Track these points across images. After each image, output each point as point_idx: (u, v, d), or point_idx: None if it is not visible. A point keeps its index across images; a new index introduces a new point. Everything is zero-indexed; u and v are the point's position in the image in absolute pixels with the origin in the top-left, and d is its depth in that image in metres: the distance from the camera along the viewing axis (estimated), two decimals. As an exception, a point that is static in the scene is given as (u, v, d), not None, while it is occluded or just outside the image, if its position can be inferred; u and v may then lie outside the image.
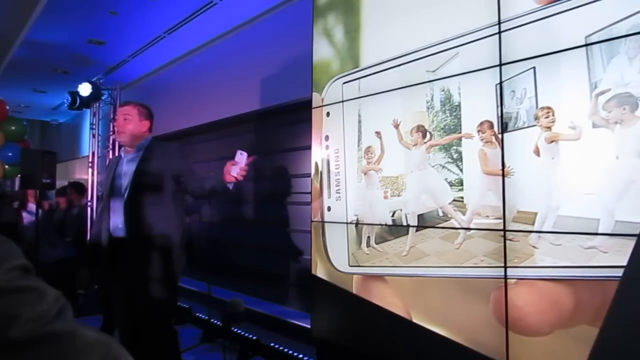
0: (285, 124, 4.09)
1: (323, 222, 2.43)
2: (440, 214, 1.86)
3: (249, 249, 4.36)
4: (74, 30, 4.77)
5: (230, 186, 2.26)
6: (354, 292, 2.21)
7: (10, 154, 5.00)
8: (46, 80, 6.62)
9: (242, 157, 2.26)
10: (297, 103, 3.65)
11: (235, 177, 2.23)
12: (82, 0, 4.11)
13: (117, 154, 5.81)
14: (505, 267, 1.61)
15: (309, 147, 2.54)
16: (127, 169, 2.40)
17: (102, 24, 4.59)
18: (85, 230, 5.19)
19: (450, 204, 1.82)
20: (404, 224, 2.00)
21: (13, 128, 5.37)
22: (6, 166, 5.25)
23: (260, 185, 4.32)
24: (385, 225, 2.09)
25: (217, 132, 4.95)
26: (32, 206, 4.85)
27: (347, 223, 2.29)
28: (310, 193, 2.54)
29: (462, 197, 1.78)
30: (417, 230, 1.95)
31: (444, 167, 1.85)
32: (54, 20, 4.52)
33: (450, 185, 1.82)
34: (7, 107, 5.39)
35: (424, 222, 1.92)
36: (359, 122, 2.24)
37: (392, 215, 2.06)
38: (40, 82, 6.81)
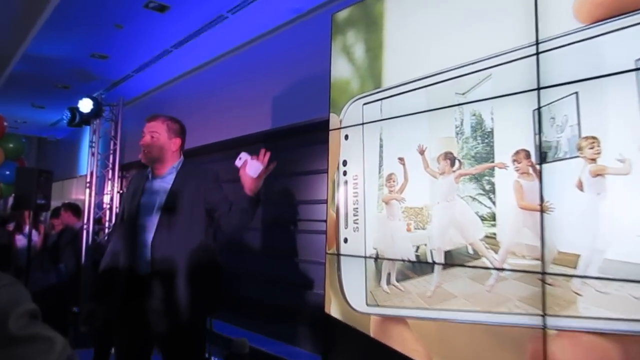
0: (298, 145, 4.07)
1: (339, 254, 2.38)
2: (470, 252, 1.80)
3: (255, 280, 4.30)
4: (76, 44, 4.86)
5: (257, 195, 2.10)
6: (372, 335, 2.15)
7: (7, 172, 5.04)
8: (45, 95, 6.74)
9: (247, 160, 2.10)
10: (312, 124, 3.65)
11: (255, 187, 2.08)
12: (86, 14, 4.18)
13: (116, 174, 5.85)
14: (544, 316, 1.54)
15: (324, 171, 2.52)
16: (159, 188, 2.23)
17: (106, 38, 4.67)
18: (80, 255, 5.17)
19: (481, 240, 1.76)
20: (429, 260, 1.95)
21: (11, 145, 5.42)
22: (1, 185, 5.29)
23: (268, 210, 4.28)
24: (408, 261, 2.04)
25: (225, 153, 4.95)
26: (26, 229, 4.86)
27: (365, 257, 2.24)
28: (325, 221, 2.50)
29: (494, 234, 1.72)
30: (443, 269, 1.89)
31: (474, 199, 1.80)
32: (55, 33, 4.61)
33: (482, 220, 1.76)
34: (6, 124, 5.46)
35: (452, 260, 1.86)
36: (381, 146, 2.21)
37: (416, 251, 2.01)
38: (39, 97, 6.93)
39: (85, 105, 5.52)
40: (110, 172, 5.97)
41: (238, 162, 2.09)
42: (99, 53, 5.09)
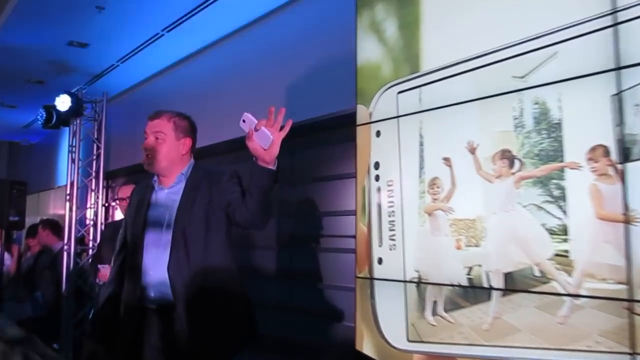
0: (319, 144, 4.07)
1: (372, 278, 2.38)
2: (536, 274, 1.78)
3: (269, 310, 4.30)
4: (52, 31, 4.96)
5: (274, 167, 2.07)
6: (415, 378, 2.13)
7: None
8: (16, 92, 6.90)
9: (252, 122, 2.07)
10: (335, 118, 3.64)
11: (270, 157, 2.04)
12: (62, -5, 4.27)
13: (101, 184, 5.95)
14: (633, 354, 1.50)
15: (352, 176, 2.52)
16: (168, 201, 2.28)
17: (86, 22, 4.76)
18: (60, 282, 5.27)
19: (550, 260, 1.74)
20: (485, 285, 1.93)
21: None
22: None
23: (285, 224, 4.29)
24: (459, 286, 2.02)
25: (230, 155, 4.98)
26: None
27: (405, 281, 2.22)
28: (354, 237, 2.50)
29: (566, 251, 1.70)
30: (503, 295, 1.87)
31: (540, 207, 1.78)
32: (27, 20, 4.71)
33: (550, 234, 1.74)
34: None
35: (513, 284, 1.84)
36: (421, 144, 2.20)
37: (468, 273, 2.00)
38: (9, 94, 7.10)
39: (63, 102, 5.62)
40: (94, 181, 6.06)
41: (243, 125, 2.09)
42: (77, 40, 5.19)
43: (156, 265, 2.19)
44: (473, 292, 1.97)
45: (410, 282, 2.20)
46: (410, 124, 2.25)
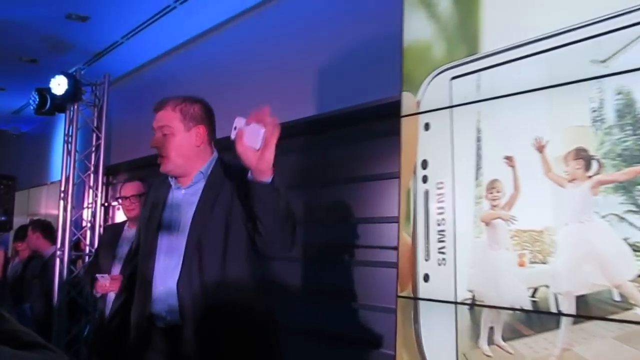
0: (355, 138, 4.08)
1: (416, 298, 2.36)
2: (616, 298, 1.75)
3: (293, 333, 4.31)
4: (47, 1, 5.04)
5: (270, 178, 1.98)
6: (466, 418, 2.12)
7: (-44, 180, 5.30)
8: (6, 72, 7.04)
9: (242, 124, 1.99)
10: (375, 107, 3.64)
11: (263, 163, 1.94)
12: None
13: (100, 180, 6.04)
14: None
15: (395, 176, 2.52)
16: (184, 202, 2.30)
17: (87, -8, 4.85)
18: (51, 292, 5.36)
19: (633, 281, 1.71)
20: (553, 310, 1.90)
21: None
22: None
23: (313, 232, 4.29)
24: (521, 310, 1.99)
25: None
26: (-19, 256, 5.08)
27: (455, 303, 2.20)
28: (396, 249, 2.49)
29: (654, 271, 1.67)
30: (574, 323, 1.84)
31: (622, 218, 1.75)
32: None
33: (634, 250, 1.71)
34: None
35: (588, 310, 1.81)
36: (478, 140, 2.18)
37: (533, 295, 1.97)
38: (-2, 74, 7.24)
39: (59, 84, 5.72)
40: (92, 177, 6.15)
41: (233, 134, 1.98)
42: (76, 13, 5.27)
43: (166, 277, 2.20)
44: (538, 317, 1.94)
45: (463, 304, 2.18)
46: (465, 115, 2.23)
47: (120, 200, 3.90)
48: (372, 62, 3.72)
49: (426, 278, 2.33)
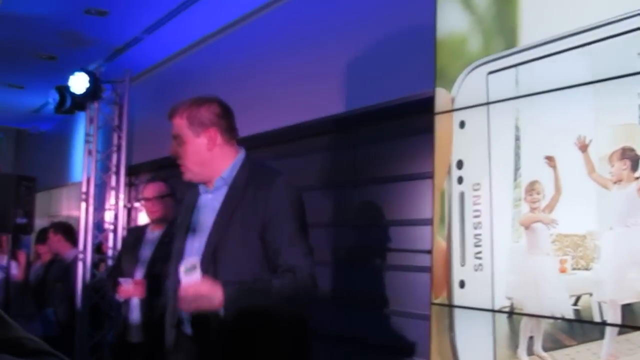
0: (386, 137, 4.07)
1: (451, 305, 2.36)
2: (666, 307, 1.72)
3: (322, 340, 4.31)
4: (66, -3, 5.10)
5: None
6: None
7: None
8: (25, 70, 7.14)
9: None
10: (407, 104, 3.62)
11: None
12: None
13: (122, 180, 6.09)
14: None
15: (428, 177, 2.51)
16: (208, 208, 2.35)
17: (106, -15, 4.89)
18: (74, 297, 5.42)
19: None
20: (597, 319, 1.89)
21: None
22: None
23: (342, 235, 4.29)
24: (562, 319, 1.98)
25: (276, 149, 5.02)
26: (3, 258, 5.17)
27: (493, 311, 2.19)
28: (430, 253, 2.49)
29: None
30: (620, 333, 1.82)
31: (672, 223, 1.72)
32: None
33: (685, 257, 1.68)
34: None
35: (634, 319, 1.79)
36: (517, 139, 2.17)
37: (575, 303, 1.96)
38: (16, 72, 7.36)
39: (78, 82, 5.76)
40: (114, 178, 6.20)
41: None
42: (95, 8, 5.31)
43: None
44: (581, 327, 1.93)
45: (500, 312, 2.17)
46: (503, 112, 2.22)
47: (143, 202, 3.95)
48: (403, 56, 3.69)
49: (462, 284, 2.33)
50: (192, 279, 2.07)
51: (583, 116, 1.97)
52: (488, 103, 2.27)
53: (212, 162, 2.33)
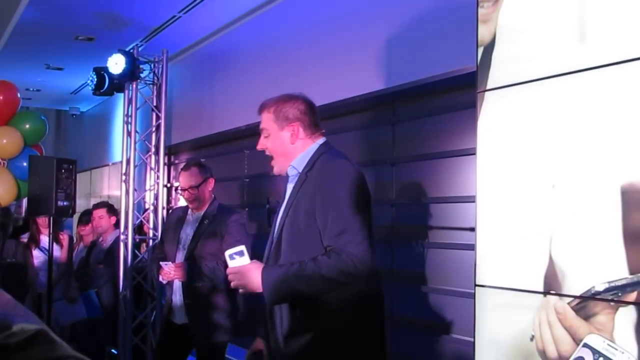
0: (428, 112, 4.04)
1: (496, 287, 2.31)
2: None
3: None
4: (103, -22, 5.10)
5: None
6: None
7: (25, 164, 5.37)
8: (64, 52, 7.21)
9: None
10: (450, 79, 3.59)
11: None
12: None
13: (161, 160, 6.12)
14: None
15: (469, 153, 2.46)
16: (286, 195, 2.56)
17: (143, -35, 4.87)
18: (117, 279, 5.48)
19: None
20: None
21: (28, 126, 5.78)
22: (18, 182, 5.66)
23: (382, 213, 4.26)
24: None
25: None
26: (46, 240, 5.24)
27: (544, 293, 2.14)
28: (474, 231, 2.43)
29: None
30: None
31: None
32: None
33: None
34: (19, 95, 5.83)
35: None
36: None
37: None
38: (56, 55, 7.43)
39: (116, 63, 5.76)
40: (153, 158, 6.21)
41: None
42: (133, -13, 5.32)
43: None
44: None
45: (550, 293, 2.12)
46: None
47: (180, 192, 3.94)
48: (446, 30, 3.62)
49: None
50: (237, 263, 2.27)
51: None
52: (533, 80, 2.20)
53: (293, 154, 2.50)
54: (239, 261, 2.28)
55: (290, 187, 2.52)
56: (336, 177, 2.37)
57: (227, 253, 2.30)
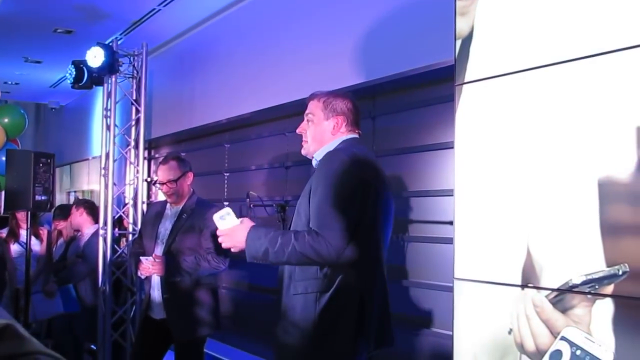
0: (408, 106, 4.05)
1: (475, 281, 2.31)
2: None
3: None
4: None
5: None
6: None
7: (3, 158, 5.32)
8: (42, 44, 7.13)
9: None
10: (429, 72, 3.59)
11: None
12: None
13: (141, 154, 6.08)
14: None
15: (451, 146, 2.47)
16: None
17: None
18: (96, 273, 5.43)
19: None
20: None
21: (7, 120, 5.70)
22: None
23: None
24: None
25: (294, 121, 4.96)
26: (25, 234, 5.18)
27: (521, 286, 2.13)
28: (453, 224, 2.43)
29: None
30: None
31: None
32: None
33: None
34: (-2, 88, 5.80)
35: None
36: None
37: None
38: (34, 47, 7.36)
39: (95, 56, 5.69)
40: (133, 152, 6.16)
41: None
42: (112, -22, 5.26)
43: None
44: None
45: (538, 288, 2.10)
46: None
47: (157, 185, 3.90)
48: (423, 24, 3.62)
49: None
50: (227, 224, 2.44)
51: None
52: (510, 73, 2.19)
53: (326, 143, 2.65)
54: (228, 221, 2.44)
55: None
56: (325, 168, 2.48)
57: (216, 216, 2.46)
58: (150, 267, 3.55)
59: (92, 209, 5.58)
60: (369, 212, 2.43)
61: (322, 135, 2.65)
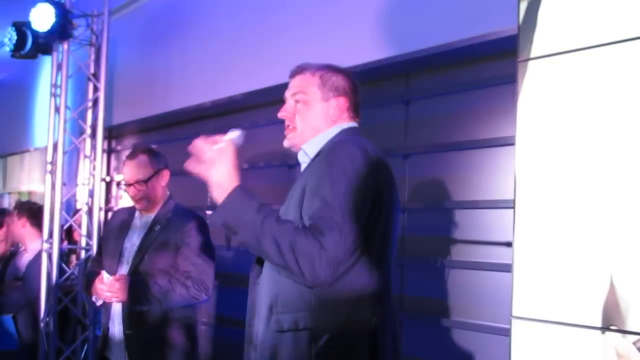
0: (453, 88, 4.04)
1: (539, 320, 2.32)
2: None
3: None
4: None
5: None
6: None
7: None
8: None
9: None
10: (482, 44, 3.61)
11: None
12: None
13: (99, 146, 6.08)
14: None
15: (511, 142, 2.47)
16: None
17: None
18: (37, 300, 5.43)
19: None
20: None
21: None
22: None
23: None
24: None
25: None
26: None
27: (602, 329, 2.15)
28: (511, 247, 2.45)
29: None
30: None
31: None
32: None
33: None
34: None
35: None
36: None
37: None
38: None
39: (42, 16, 5.72)
40: (89, 142, 6.17)
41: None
42: None
43: None
44: None
45: (610, 329, 2.12)
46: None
47: (124, 187, 3.86)
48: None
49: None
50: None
51: None
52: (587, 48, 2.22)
53: (322, 133, 2.58)
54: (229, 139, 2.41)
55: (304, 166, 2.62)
56: (329, 164, 2.35)
57: (230, 135, 2.41)
58: (107, 291, 3.50)
59: (36, 218, 5.57)
60: (382, 227, 2.39)
61: (318, 121, 2.58)
